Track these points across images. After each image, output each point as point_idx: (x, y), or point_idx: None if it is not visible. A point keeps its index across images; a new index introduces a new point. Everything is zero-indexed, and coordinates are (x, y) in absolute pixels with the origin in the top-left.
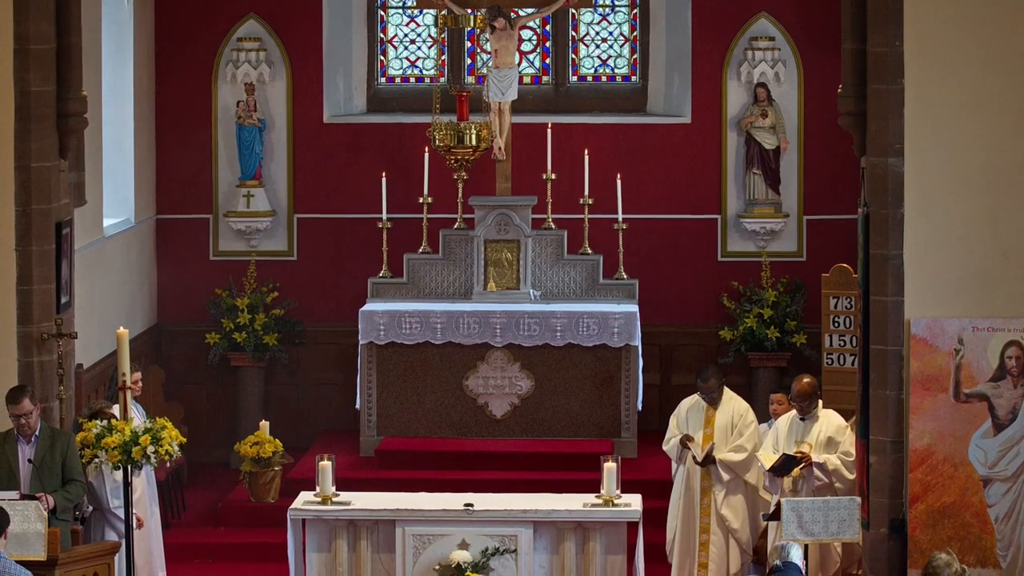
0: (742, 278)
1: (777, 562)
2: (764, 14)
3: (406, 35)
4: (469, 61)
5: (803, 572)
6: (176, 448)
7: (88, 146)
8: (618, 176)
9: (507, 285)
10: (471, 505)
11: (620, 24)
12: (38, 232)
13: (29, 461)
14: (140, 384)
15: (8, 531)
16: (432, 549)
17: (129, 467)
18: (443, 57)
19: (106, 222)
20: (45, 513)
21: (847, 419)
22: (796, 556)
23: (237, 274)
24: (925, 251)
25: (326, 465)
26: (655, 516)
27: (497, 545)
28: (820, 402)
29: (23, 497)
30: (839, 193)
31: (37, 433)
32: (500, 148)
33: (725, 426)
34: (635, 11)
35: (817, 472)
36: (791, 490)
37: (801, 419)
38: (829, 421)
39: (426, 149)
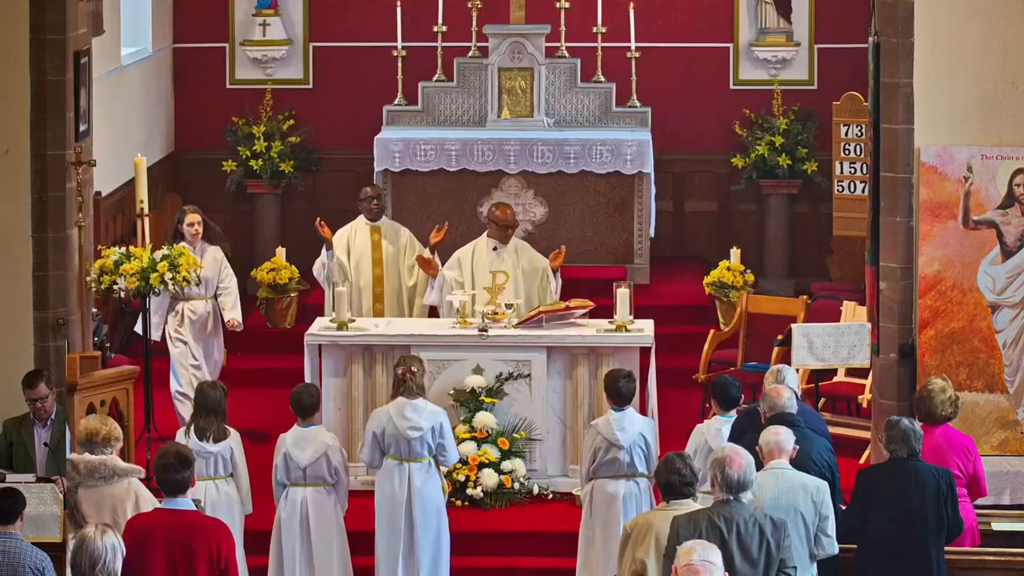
0: (754, 106)
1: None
2: None
3: None
4: None
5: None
6: (194, 275)
7: None
8: (631, 4)
9: (521, 113)
10: (485, 331)
11: None
12: (54, 216)
13: (45, 444)
14: (198, 226)
15: (24, 513)
16: (447, 374)
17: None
18: None
19: (123, 51)
20: (61, 496)
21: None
22: (791, 380)
23: (253, 102)
24: (935, 79)
25: (342, 291)
26: (667, 341)
27: (511, 370)
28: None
29: (39, 480)
30: (850, 22)
31: (53, 417)
32: None
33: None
34: None
35: None
36: None
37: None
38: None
39: None
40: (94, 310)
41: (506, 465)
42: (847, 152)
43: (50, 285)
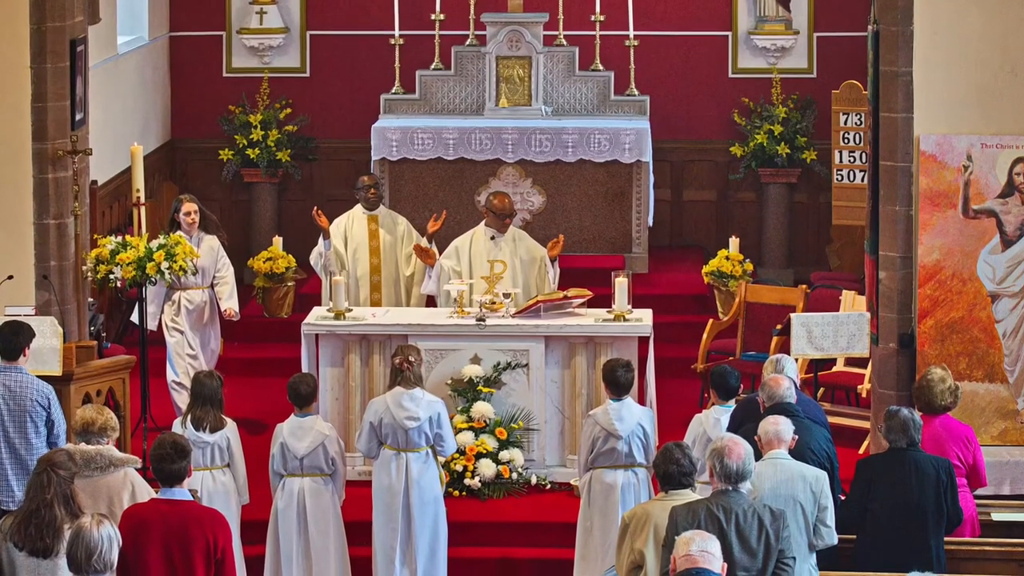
0: (753, 94)
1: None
2: None
3: None
4: None
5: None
6: (191, 264)
7: None
8: None
9: (519, 101)
10: (483, 320)
11: None
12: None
13: None
14: (195, 215)
15: (29, 348)
16: (444, 364)
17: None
18: None
19: (120, 40)
20: (60, 329)
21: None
22: (791, 370)
23: (250, 91)
24: (935, 68)
25: (339, 281)
26: (666, 331)
27: (509, 360)
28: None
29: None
30: (849, 10)
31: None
32: None
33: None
34: None
35: None
36: None
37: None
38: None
39: None
40: (90, 300)
41: (504, 455)
42: (846, 141)
43: (49, 116)
